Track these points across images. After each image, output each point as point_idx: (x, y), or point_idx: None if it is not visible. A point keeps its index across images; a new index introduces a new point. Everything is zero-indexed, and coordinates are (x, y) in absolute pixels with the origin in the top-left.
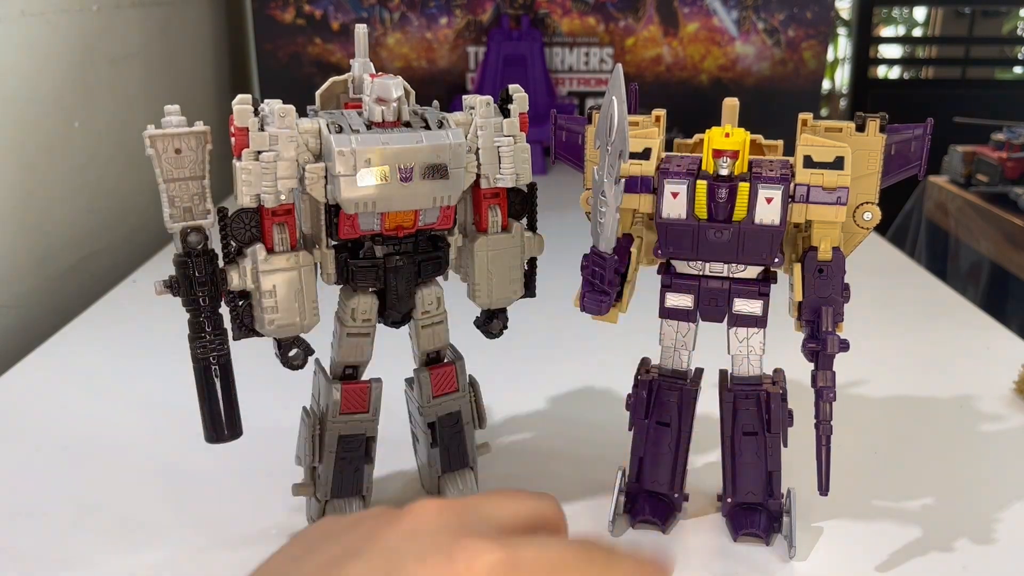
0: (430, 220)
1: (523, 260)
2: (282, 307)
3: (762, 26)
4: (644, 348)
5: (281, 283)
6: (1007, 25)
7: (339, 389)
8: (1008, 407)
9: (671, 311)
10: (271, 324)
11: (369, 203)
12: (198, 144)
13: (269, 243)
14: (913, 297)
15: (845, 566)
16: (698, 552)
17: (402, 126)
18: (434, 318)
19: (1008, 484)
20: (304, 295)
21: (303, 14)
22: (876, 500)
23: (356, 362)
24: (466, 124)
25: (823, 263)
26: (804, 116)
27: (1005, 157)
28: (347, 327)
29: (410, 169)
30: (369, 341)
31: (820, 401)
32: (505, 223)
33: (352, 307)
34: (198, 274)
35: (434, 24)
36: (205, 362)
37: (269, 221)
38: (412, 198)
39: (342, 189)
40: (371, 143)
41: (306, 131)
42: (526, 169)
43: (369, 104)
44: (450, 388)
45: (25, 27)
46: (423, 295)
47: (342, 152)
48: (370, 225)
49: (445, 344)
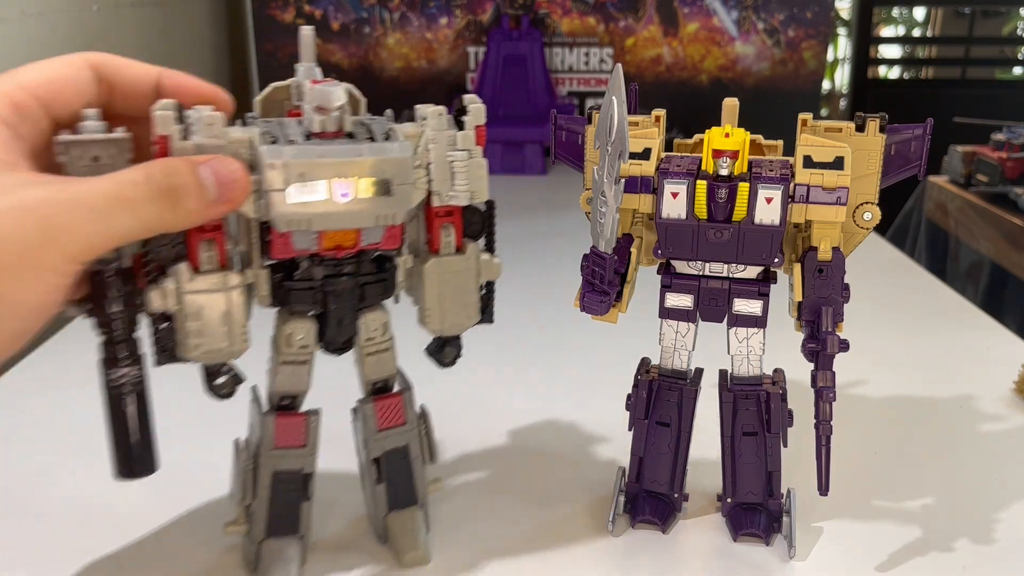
0: (373, 240)
1: (478, 284)
2: (208, 331)
3: (762, 26)
4: (644, 348)
5: (207, 305)
6: (1007, 25)
7: (273, 421)
8: (1008, 407)
9: (671, 311)
10: (195, 349)
11: (303, 221)
12: (119, 152)
13: (195, 262)
14: (913, 297)
15: (845, 566)
16: (698, 552)
17: (345, 137)
18: (379, 345)
19: (1008, 484)
20: (233, 318)
21: (303, 14)
22: (876, 500)
23: (293, 392)
24: (416, 136)
25: (823, 263)
26: (804, 116)
27: (1005, 157)
28: (282, 354)
29: (348, 184)
30: (307, 369)
31: (820, 401)
32: (460, 244)
33: (288, 332)
34: (111, 293)
35: (434, 24)
36: (118, 391)
37: (195, 238)
38: (351, 216)
39: (273, 205)
40: (306, 155)
41: (237, 141)
42: (482, 186)
43: (308, 113)
44: (397, 421)
45: (25, 27)
46: (367, 320)
47: (272, 164)
48: (306, 244)
49: (392, 373)
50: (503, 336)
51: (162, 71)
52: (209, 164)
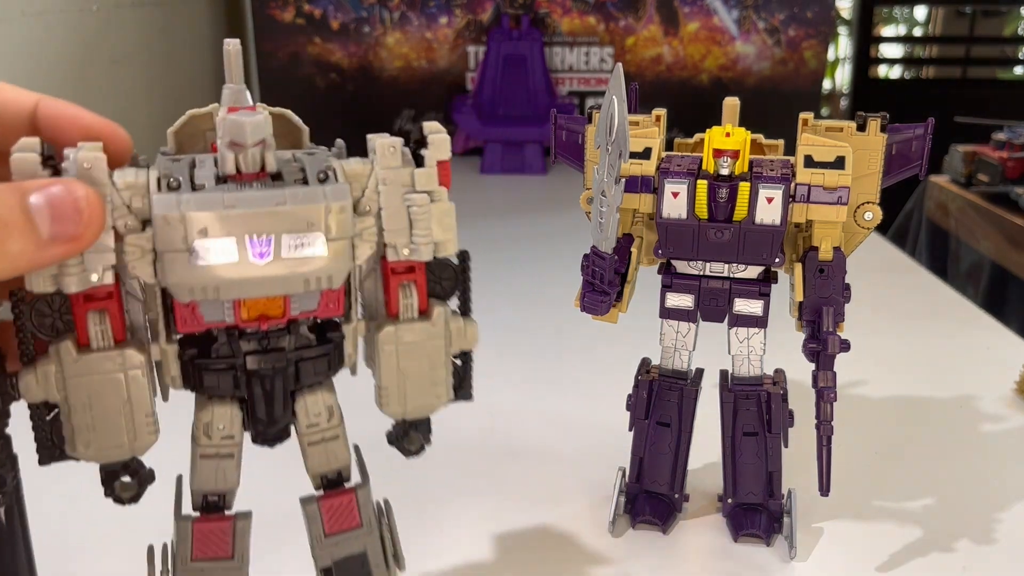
0: (307, 307)
1: (448, 356)
2: (102, 424)
3: (763, 25)
4: (644, 348)
5: (100, 392)
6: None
7: (188, 526)
8: (1009, 407)
9: (671, 311)
10: (86, 447)
11: (210, 289)
12: None
13: (83, 337)
14: (914, 297)
15: (846, 567)
16: (698, 553)
17: (268, 178)
18: (325, 432)
19: (1009, 485)
20: (134, 406)
21: (303, 13)
22: (877, 501)
23: (218, 490)
24: (363, 176)
25: (824, 263)
26: (805, 116)
27: (1006, 157)
28: (201, 446)
29: (267, 241)
30: (234, 464)
31: (821, 401)
32: (424, 306)
33: (205, 421)
34: None
35: (434, 24)
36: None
37: (81, 308)
38: (273, 282)
39: (169, 270)
40: (209, 205)
41: (128, 187)
42: (450, 236)
43: (222, 149)
44: (350, 523)
45: (25, 27)
46: (306, 404)
47: (166, 219)
48: (219, 316)
49: (344, 464)
50: (503, 336)
51: (41, 98)
52: (44, 191)
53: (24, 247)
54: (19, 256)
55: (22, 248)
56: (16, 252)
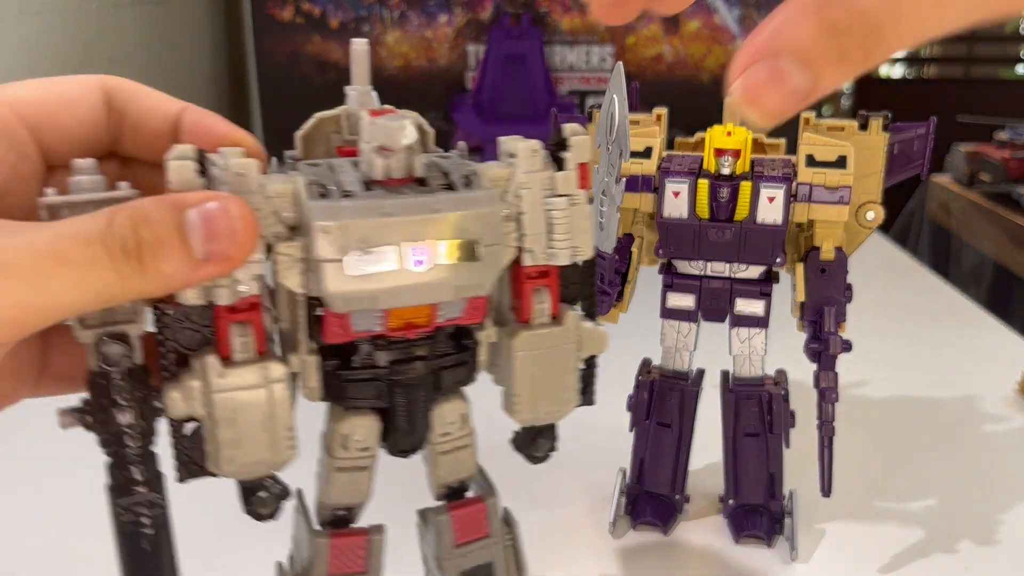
0: (452, 315)
1: (578, 361)
2: (245, 439)
3: None
4: (645, 349)
5: (243, 406)
6: (1010, 24)
7: (326, 542)
8: (1011, 408)
9: (672, 311)
10: (229, 463)
11: (366, 299)
12: None
13: (225, 350)
14: (916, 297)
15: (847, 568)
16: (699, 554)
17: (414, 183)
18: (457, 441)
19: (1011, 485)
20: (276, 420)
21: (302, 12)
22: (879, 502)
23: (350, 504)
24: (503, 180)
25: (825, 263)
26: (806, 115)
27: (1008, 156)
28: (337, 459)
29: (424, 248)
30: (367, 476)
31: (823, 402)
32: (555, 311)
33: (343, 433)
34: (121, 400)
35: (434, 22)
36: (132, 526)
37: (225, 320)
38: (428, 290)
39: (326, 280)
40: (367, 213)
41: (277, 195)
42: (586, 240)
43: (367, 154)
44: (479, 533)
45: (23, 26)
46: (442, 412)
47: (325, 228)
48: (368, 325)
49: (471, 473)
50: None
51: (186, 107)
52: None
53: (178, 267)
54: (173, 276)
55: (176, 268)
56: (170, 271)
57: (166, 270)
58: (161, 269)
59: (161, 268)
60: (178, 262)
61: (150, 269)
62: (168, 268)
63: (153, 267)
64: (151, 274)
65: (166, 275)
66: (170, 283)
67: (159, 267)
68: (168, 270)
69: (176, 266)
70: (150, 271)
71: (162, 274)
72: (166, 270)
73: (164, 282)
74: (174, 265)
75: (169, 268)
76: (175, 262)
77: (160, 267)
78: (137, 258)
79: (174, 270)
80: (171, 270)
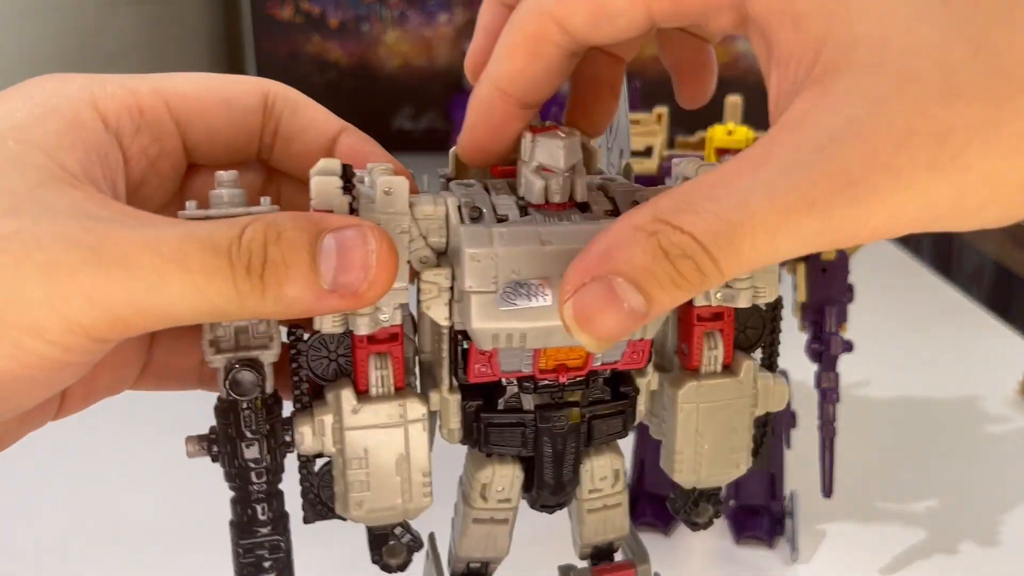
0: (610, 359)
1: (752, 418)
2: (376, 482)
3: None
4: None
5: (377, 445)
6: None
7: None
8: (1013, 408)
9: None
10: (358, 507)
11: (516, 336)
12: None
13: (362, 383)
14: (917, 297)
15: (848, 569)
16: (700, 555)
17: (575, 208)
18: (608, 499)
19: (1013, 486)
20: (412, 463)
21: (301, 11)
22: (880, 502)
23: (485, 558)
24: None
25: (827, 263)
26: None
27: None
28: (474, 508)
29: None
30: (506, 530)
31: (824, 402)
32: (728, 359)
33: (483, 482)
34: (249, 433)
35: (433, 21)
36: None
37: (363, 351)
38: None
39: (473, 314)
40: (522, 241)
41: (427, 217)
42: (771, 280)
43: (526, 175)
44: None
45: (21, 24)
46: (592, 467)
47: (475, 256)
48: (516, 365)
49: (621, 534)
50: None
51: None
52: (339, 234)
53: (301, 294)
54: (294, 302)
55: (299, 294)
56: (292, 297)
57: (288, 295)
58: (284, 294)
59: (284, 292)
60: (302, 289)
61: (271, 291)
62: (291, 293)
63: (275, 289)
64: (271, 297)
65: (288, 300)
66: (291, 309)
67: (281, 290)
68: (291, 295)
69: (299, 293)
70: (271, 293)
71: (284, 299)
72: (288, 295)
73: (284, 307)
74: (297, 291)
75: (292, 293)
76: (298, 289)
77: (282, 291)
78: (260, 277)
79: (296, 297)
80: (293, 296)
